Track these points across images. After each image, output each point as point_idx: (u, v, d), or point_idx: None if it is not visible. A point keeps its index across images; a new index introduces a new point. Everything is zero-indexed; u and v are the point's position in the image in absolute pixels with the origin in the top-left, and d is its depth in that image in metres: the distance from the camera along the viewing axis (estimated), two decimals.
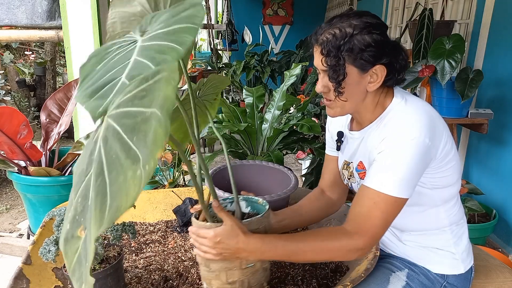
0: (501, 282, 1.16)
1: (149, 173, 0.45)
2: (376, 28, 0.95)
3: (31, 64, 6.18)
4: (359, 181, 1.10)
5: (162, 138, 0.46)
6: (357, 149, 1.10)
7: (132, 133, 0.49)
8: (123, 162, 0.47)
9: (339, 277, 1.10)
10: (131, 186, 0.46)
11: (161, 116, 0.47)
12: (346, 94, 0.98)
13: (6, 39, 2.37)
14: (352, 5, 5.53)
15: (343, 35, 0.94)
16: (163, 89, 0.50)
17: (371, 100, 1.02)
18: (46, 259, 0.94)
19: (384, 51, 0.95)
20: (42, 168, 1.90)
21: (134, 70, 0.62)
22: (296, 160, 4.06)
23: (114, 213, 0.45)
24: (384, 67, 0.96)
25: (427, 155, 0.93)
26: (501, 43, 2.36)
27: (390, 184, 0.91)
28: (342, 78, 0.95)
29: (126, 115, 0.51)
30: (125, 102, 0.53)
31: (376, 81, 0.97)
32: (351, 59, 0.94)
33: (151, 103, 0.49)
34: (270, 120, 2.23)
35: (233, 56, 6.84)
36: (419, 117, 0.94)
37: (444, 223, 1.06)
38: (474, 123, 2.31)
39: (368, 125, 1.05)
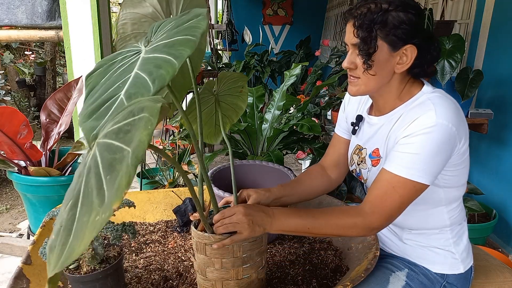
0: (501, 282, 1.16)
1: (102, 223, 0.45)
2: (413, 8, 0.94)
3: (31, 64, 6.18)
4: (370, 168, 1.09)
5: (123, 189, 0.45)
6: (373, 135, 1.09)
7: (107, 171, 0.49)
8: (93, 199, 0.47)
9: (339, 277, 1.10)
10: (88, 231, 0.45)
11: (130, 163, 0.47)
12: (374, 67, 0.97)
13: (6, 39, 2.37)
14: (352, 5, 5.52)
15: (378, 9, 0.94)
16: (140, 131, 0.49)
17: (396, 85, 1.01)
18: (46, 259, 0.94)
19: (417, 31, 0.94)
20: (42, 168, 1.90)
21: (133, 86, 0.62)
22: (296, 160, 4.06)
23: (68, 255, 0.45)
24: (415, 48, 0.95)
25: (451, 143, 0.93)
26: (501, 43, 2.36)
27: (411, 169, 0.91)
28: (372, 51, 0.95)
29: (108, 148, 0.51)
30: (111, 133, 0.53)
31: (405, 63, 0.97)
32: (383, 33, 0.94)
33: (130, 142, 0.49)
34: (270, 120, 2.23)
35: (233, 56, 6.84)
36: (448, 106, 0.94)
37: (445, 223, 1.06)
38: (474, 123, 2.31)
39: (390, 111, 1.04)
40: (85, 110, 0.63)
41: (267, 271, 1.11)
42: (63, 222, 0.52)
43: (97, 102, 0.63)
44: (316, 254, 1.21)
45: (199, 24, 0.66)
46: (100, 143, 0.54)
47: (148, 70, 0.63)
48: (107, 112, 0.60)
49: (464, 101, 2.15)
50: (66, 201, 0.56)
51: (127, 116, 0.54)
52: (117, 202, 0.44)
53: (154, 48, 0.67)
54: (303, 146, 2.23)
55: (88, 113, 0.61)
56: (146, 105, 0.54)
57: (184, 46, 0.63)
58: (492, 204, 2.39)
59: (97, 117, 0.60)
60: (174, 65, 0.61)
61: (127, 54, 0.71)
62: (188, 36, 0.64)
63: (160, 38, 0.69)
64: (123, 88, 0.62)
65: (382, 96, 1.04)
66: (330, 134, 2.47)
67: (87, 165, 0.53)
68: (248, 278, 0.96)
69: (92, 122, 0.60)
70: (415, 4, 0.96)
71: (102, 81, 0.67)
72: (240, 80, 1.11)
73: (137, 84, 0.62)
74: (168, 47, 0.64)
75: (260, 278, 0.99)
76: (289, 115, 2.34)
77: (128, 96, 0.61)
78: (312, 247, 1.25)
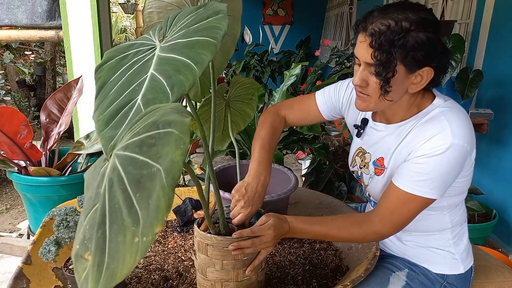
0: (501, 282, 1.16)
1: (146, 247, 0.43)
2: (432, 26, 0.87)
3: (31, 64, 6.18)
4: (372, 175, 1.08)
5: (164, 212, 0.43)
6: (378, 142, 1.06)
7: (136, 187, 0.46)
8: (124, 217, 0.45)
9: (339, 277, 1.10)
10: (128, 253, 0.43)
11: (166, 184, 0.44)
12: (391, 92, 0.91)
13: (6, 39, 2.37)
14: (352, 5, 5.53)
15: (398, 29, 0.85)
16: (172, 151, 0.46)
17: (407, 101, 0.98)
18: (46, 259, 0.94)
19: (435, 53, 0.88)
20: (42, 168, 1.90)
21: (150, 91, 0.59)
22: (296, 160, 4.06)
23: (109, 278, 0.43)
24: (433, 70, 0.90)
25: (464, 160, 0.93)
26: (501, 43, 2.36)
27: (422, 187, 0.91)
28: (391, 75, 0.88)
29: (133, 163, 0.48)
30: (133, 146, 0.50)
31: (419, 83, 0.91)
32: (402, 56, 0.86)
33: (158, 158, 0.46)
34: None
35: (233, 56, 6.82)
36: (462, 123, 0.91)
37: (446, 226, 1.06)
38: (474, 123, 2.31)
39: (399, 122, 1.01)
40: (101, 116, 0.59)
41: (267, 271, 1.11)
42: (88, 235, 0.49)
43: (113, 107, 0.59)
44: (316, 254, 1.21)
45: (219, 24, 0.62)
46: (121, 155, 0.51)
47: (166, 72, 0.59)
48: (124, 120, 0.57)
49: (464, 101, 2.15)
50: (87, 211, 0.53)
51: (150, 128, 0.50)
52: (159, 226, 0.42)
53: (172, 47, 0.64)
54: (303, 146, 2.23)
55: (106, 120, 0.58)
56: (173, 119, 0.50)
57: (204, 50, 0.59)
58: (492, 204, 2.39)
59: (115, 126, 0.57)
60: (195, 72, 0.57)
61: (141, 48, 0.67)
62: (208, 38, 0.60)
63: (178, 35, 0.65)
64: (139, 91, 0.59)
65: (391, 109, 1.01)
66: (330, 134, 2.47)
67: (108, 177, 0.50)
68: (248, 280, 0.96)
69: (110, 131, 0.57)
70: (434, 19, 0.89)
71: (114, 77, 0.64)
72: (252, 87, 1.10)
73: (155, 89, 0.58)
74: (188, 48, 0.60)
75: (259, 280, 0.99)
76: None
77: (145, 102, 0.58)
78: (312, 247, 1.25)
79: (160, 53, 0.64)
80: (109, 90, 0.62)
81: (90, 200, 0.53)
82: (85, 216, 0.53)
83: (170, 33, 0.69)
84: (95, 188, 0.53)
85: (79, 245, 0.51)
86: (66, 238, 0.97)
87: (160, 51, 0.64)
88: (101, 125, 0.58)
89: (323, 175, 2.27)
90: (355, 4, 5.45)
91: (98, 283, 0.43)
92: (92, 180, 0.57)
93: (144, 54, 0.66)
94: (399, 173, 0.95)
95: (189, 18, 0.69)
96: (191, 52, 0.59)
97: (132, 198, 0.46)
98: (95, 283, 0.44)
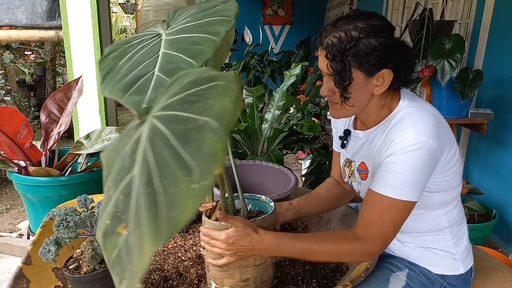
0: (501, 282, 1.16)
1: (205, 189, 0.43)
2: (383, 31, 0.92)
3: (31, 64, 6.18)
4: (359, 181, 1.10)
5: (221, 154, 0.43)
6: (360, 149, 1.10)
7: (183, 141, 0.46)
8: (174, 171, 0.45)
9: (339, 277, 1.10)
10: (187, 199, 0.43)
11: (220, 128, 0.44)
12: (352, 98, 0.97)
13: (6, 39, 2.37)
14: (352, 5, 5.53)
15: (348, 39, 0.91)
16: (220, 99, 0.47)
17: (377, 103, 1.01)
18: (46, 259, 0.94)
19: (390, 55, 0.93)
20: (42, 168, 1.90)
21: (168, 63, 0.59)
22: (296, 160, 4.06)
23: (171, 225, 0.43)
24: (391, 71, 0.94)
25: (434, 158, 0.92)
26: (501, 43, 2.36)
27: (398, 189, 0.91)
28: (348, 83, 0.94)
29: (175, 120, 0.48)
30: (173, 105, 0.50)
31: (382, 85, 0.96)
32: (357, 63, 0.92)
33: (202, 111, 0.47)
34: (270, 120, 2.23)
35: (233, 56, 6.84)
36: (427, 121, 0.93)
37: (444, 225, 1.06)
38: (474, 123, 2.31)
39: (373, 126, 1.04)
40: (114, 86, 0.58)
41: None
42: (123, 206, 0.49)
43: (126, 79, 0.59)
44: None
45: (230, 7, 0.63)
46: (160, 116, 0.51)
47: (181, 48, 0.59)
48: (146, 87, 0.57)
49: (464, 101, 2.15)
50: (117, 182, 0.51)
51: (188, 87, 0.51)
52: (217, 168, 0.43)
53: (180, 29, 0.64)
54: (303, 146, 2.23)
55: (122, 88, 0.57)
56: (215, 74, 0.51)
57: (218, 25, 0.59)
58: (492, 204, 2.39)
59: (136, 92, 0.57)
60: (214, 40, 0.57)
61: (145, 37, 0.68)
62: (221, 17, 0.61)
63: (185, 21, 0.66)
64: (154, 66, 0.59)
65: (363, 114, 1.05)
66: (330, 134, 2.47)
67: (148, 139, 0.50)
68: (264, 263, 0.97)
69: (133, 96, 0.56)
70: (384, 24, 0.94)
71: (120, 63, 0.63)
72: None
73: (174, 61, 0.58)
74: (200, 27, 0.61)
75: (273, 263, 1.03)
76: (289, 115, 2.34)
77: (167, 72, 0.58)
78: None
79: (167, 37, 0.64)
80: (118, 71, 0.62)
81: (121, 170, 0.52)
82: (114, 189, 0.52)
83: (174, 23, 0.70)
84: (128, 156, 0.52)
85: (109, 220, 0.49)
86: (66, 238, 0.97)
87: (167, 36, 0.65)
88: (118, 91, 0.57)
89: (323, 175, 2.27)
90: (355, 4, 5.45)
91: (158, 234, 0.43)
92: (115, 155, 0.56)
93: (151, 40, 0.66)
94: (374, 178, 0.97)
95: (193, 9, 0.70)
96: (205, 28, 0.60)
97: (180, 151, 0.46)
98: (154, 235, 0.43)
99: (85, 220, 1.00)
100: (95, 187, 1.95)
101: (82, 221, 0.99)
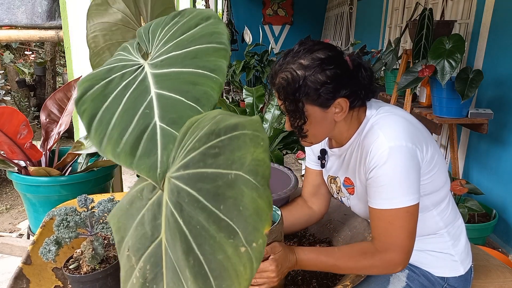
0: (501, 282, 1.16)
1: (259, 251, 0.39)
2: (329, 63, 0.91)
3: (31, 64, 6.18)
4: (348, 196, 1.10)
5: (267, 211, 0.40)
6: (340, 166, 1.10)
7: (215, 201, 0.42)
8: (214, 235, 0.41)
9: (339, 277, 1.10)
10: (239, 265, 0.39)
11: (259, 183, 0.41)
12: (312, 132, 0.98)
13: (6, 39, 2.37)
14: (352, 5, 5.53)
15: (295, 79, 0.91)
16: (251, 151, 0.42)
17: (343, 124, 1.00)
18: (46, 259, 0.94)
19: (341, 84, 0.92)
20: (42, 168, 1.90)
21: (168, 110, 0.51)
22: (296, 160, 4.06)
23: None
24: (346, 98, 0.93)
25: (415, 158, 0.92)
26: (501, 43, 2.36)
27: (393, 199, 0.91)
28: (303, 122, 0.95)
29: (200, 178, 0.44)
30: (194, 162, 0.45)
31: (342, 111, 0.96)
32: (310, 100, 0.93)
33: (231, 164, 0.42)
34: (270, 120, 2.23)
35: (233, 56, 6.84)
36: (395, 125, 0.93)
37: (439, 225, 1.06)
38: (474, 123, 2.31)
39: (347, 142, 1.04)
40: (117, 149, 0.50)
41: None
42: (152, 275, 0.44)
43: (128, 137, 0.51)
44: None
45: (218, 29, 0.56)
46: (182, 176, 0.45)
47: (177, 88, 0.52)
48: (154, 146, 0.50)
49: (464, 101, 2.15)
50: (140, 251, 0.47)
51: (207, 140, 0.45)
52: (266, 227, 0.40)
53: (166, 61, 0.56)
54: (303, 146, 2.23)
55: (127, 151, 0.50)
56: (238, 121, 0.45)
57: (214, 57, 0.53)
58: (492, 204, 2.39)
59: (145, 153, 0.50)
60: (217, 80, 0.51)
61: (125, 70, 0.58)
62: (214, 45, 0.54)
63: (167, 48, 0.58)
64: (152, 114, 0.51)
65: (333, 136, 1.05)
66: None
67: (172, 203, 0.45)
68: None
69: (144, 160, 0.49)
70: (329, 55, 0.92)
71: (105, 108, 0.54)
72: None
73: (174, 105, 0.51)
74: (192, 59, 0.54)
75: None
76: None
77: (171, 121, 0.50)
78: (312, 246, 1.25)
79: (153, 70, 0.56)
80: (108, 121, 0.53)
81: (142, 238, 0.47)
82: (136, 258, 0.47)
83: (153, 48, 0.61)
84: (148, 222, 0.47)
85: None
86: (66, 238, 0.97)
87: (152, 68, 0.56)
88: (127, 158, 0.50)
89: None
90: (355, 4, 5.45)
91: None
92: (128, 219, 0.51)
93: (134, 75, 0.57)
94: (368, 194, 0.97)
95: (170, 29, 0.61)
96: (200, 62, 0.53)
97: (217, 212, 0.42)
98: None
99: (85, 220, 1.00)
100: (95, 187, 1.95)
101: (82, 221, 0.99)
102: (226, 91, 4.98)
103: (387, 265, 0.93)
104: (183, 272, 0.42)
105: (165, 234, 0.45)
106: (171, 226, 0.44)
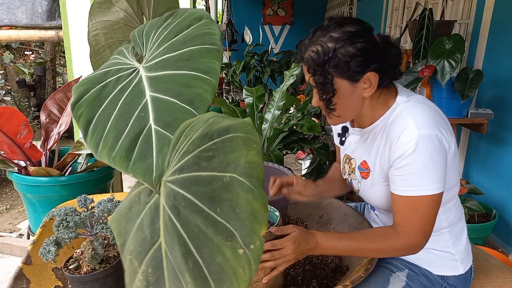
0: (501, 282, 1.16)
1: (257, 253, 0.39)
2: (359, 36, 0.92)
3: (31, 64, 6.18)
4: (359, 179, 1.10)
5: (263, 213, 0.40)
6: (359, 147, 1.09)
7: (212, 204, 0.42)
8: (212, 237, 0.41)
9: (339, 277, 1.10)
10: (237, 266, 0.39)
11: (253, 185, 0.41)
12: (341, 107, 0.98)
13: (6, 39, 2.37)
14: (352, 5, 5.53)
15: (325, 51, 0.92)
16: (243, 153, 0.43)
17: (370, 103, 1.01)
18: (46, 259, 0.94)
19: (371, 57, 0.92)
20: (42, 168, 1.90)
21: (163, 112, 0.51)
22: (296, 160, 4.06)
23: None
24: (375, 72, 0.94)
25: (443, 147, 0.92)
26: (501, 43, 2.36)
27: (418, 186, 0.91)
28: (331, 95, 0.95)
29: (195, 181, 0.44)
30: (188, 166, 0.45)
31: (370, 87, 0.96)
32: (339, 73, 0.93)
33: (225, 166, 0.43)
34: (270, 120, 2.23)
35: (233, 56, 6.84)
36: (427, 113, 0.94)
37: (443, 225, 1.06)
38: (474, 123, 2.31)
39: (372, 124, 1.03)
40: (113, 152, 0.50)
41: None
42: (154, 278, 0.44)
43: (123, 141, 0.51)
44: (316, 254, 1.21)
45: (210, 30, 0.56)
46: (177, 180, 0.45)
47: (171, 91, 0.52)
48: (149, 149, 0.50)
49: (464, 101, 2.15)
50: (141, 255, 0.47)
51: (200, 143, 0.45)
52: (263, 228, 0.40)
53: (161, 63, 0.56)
54: (303, 146, 2.23)
55: (123, 154, 0.50)
56: (230, 123, 0.45)
57: (207, 58, 0.53)
58: (492, 204, 2.39)
59: (140, 157, 0.50)
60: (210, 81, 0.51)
61: (120, 74, 0.58)
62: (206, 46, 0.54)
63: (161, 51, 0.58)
64: (147, 117, 0.51)
65: (359, 116, 1.05)
66: (330, 134, 2.47)
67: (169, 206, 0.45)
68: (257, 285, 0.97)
69: (139, 164, 0.49)
70: (359, 28, 0.93)
71: (101, 110, 0.54)
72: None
73: (169, 109, 0.51)
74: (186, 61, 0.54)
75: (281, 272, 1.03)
76: (289, 115, 2.34)
77: (165, 124, 0.50)
78: None
79: (148, 73, 0.56)
80: (104, 124, 0.53)
81: (142, 243, 0.47)
82: (138, 262, 0.47)
83: (147, 51, 0.61)
84: (147, 226, 0.48)
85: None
86: (66, 238, 0.97)
87: (146, 71, 0.56)
88: (122, 161, 0.50)
89: (323, 175, 2.27)
90: (355, 4, 5.45)
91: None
92: (127, 223, 0.51)
93: (129, 78, 0.57)
94: (392, 181, 0.97)
95: (163, 31, 0.61)
96: (193, 64, 0.53)
97: (213, 215, 0.42)
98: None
99: (85, 220, 1.00)
100: (95, 187, 1.95)
101: (82, 221, 0.99)
102: (226, 91, 4.99)
103: (408, 248, 0.97)
104: (183, 275, 0.42)
105: (164, 238, 0.45)
106: (169, 230, 0.45)
